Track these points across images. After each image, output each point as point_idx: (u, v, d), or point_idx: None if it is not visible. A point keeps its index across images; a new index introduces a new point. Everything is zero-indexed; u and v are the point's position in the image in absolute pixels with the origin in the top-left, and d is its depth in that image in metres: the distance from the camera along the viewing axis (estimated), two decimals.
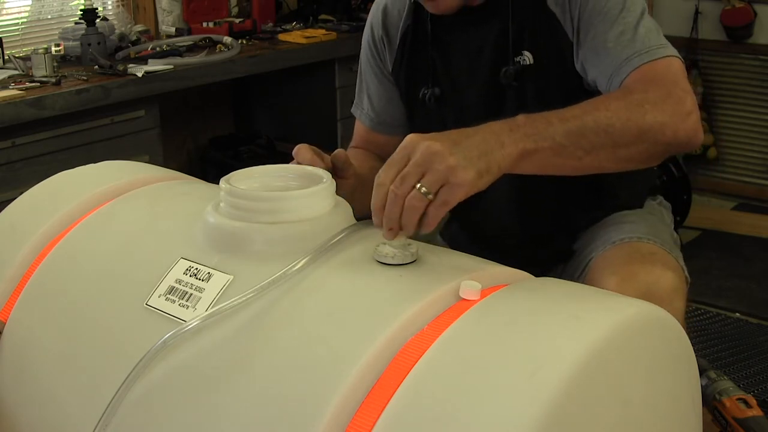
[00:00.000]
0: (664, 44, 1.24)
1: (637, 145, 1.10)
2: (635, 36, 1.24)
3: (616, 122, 1.08)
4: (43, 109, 2.40)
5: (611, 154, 1.09)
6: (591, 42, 1.27)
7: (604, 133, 1.07)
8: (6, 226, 1.18)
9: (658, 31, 1.27)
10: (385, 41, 1.47)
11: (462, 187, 0.95)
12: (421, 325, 0.86)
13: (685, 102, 1.14)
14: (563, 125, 1.05)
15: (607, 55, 1.25)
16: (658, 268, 1.24)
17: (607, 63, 1.25)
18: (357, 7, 3.59)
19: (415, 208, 0.94)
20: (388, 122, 1.51)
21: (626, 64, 1.22)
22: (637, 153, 1.12)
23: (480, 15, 1.37)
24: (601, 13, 1.26)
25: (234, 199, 1.01)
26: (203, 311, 0.93)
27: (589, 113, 1.08)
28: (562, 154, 1.05)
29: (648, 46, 1.23)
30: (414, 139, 0.97)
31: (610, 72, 1.24)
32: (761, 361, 2.46)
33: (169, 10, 3.25)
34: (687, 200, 3.39)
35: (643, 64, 1.21)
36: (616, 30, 1.25)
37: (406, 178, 0.95)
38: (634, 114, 1.10)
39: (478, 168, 0.96)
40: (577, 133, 1.06)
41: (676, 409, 0.95)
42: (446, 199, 0.95)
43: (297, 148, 1.15)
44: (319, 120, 3.33)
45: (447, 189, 0.95)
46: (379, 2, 1.49)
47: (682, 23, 3.69)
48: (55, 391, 1.02)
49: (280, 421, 0.84)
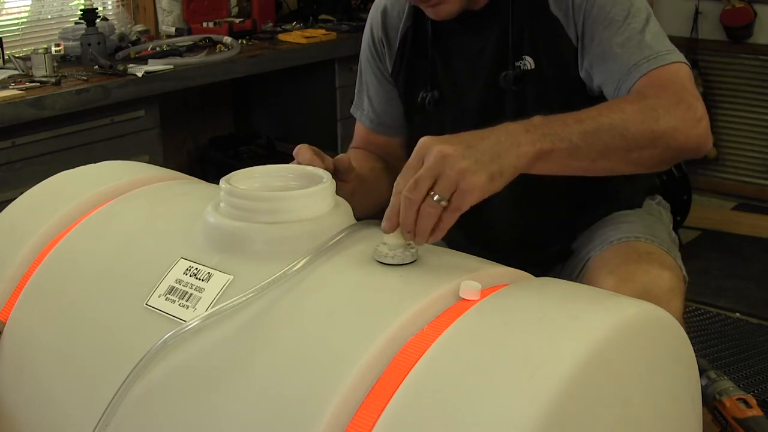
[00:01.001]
0: (671, 50, 1.24)
1: (650, 149, 1.11)
2: (642, 41, 1.24)
3: (630, 125, 1.09)
4: (43, 109, 2.40)
5: (624, 157, 1.10)
6: (597, 48, 1.27)
7: (619, 136, 1.08)
8: (6, 226, 1.18)
9: (664, 35, 1.27)
10: (384, 43, 1.47)
11: (473, 192, 0.95)
12: (421, 325, 0.86)
13: (696, 108, 1.15)
14: (579, 126, 1.06)
15: (614, 61, 1.25)
16: (655, 267, 1.24)
17: (615, 69, 1.25)
18: (357, 7, 3.59)
19: (430, 216, 0.95)
20: (389, 123, 1.50)
21: (635, 69, 1.22)
22: (649, 157, 1.12)
23: (481, 19, 1.36)
24: (606, 18, 1.26)
25: (234, 199, 1.01)
26: (203, 311, 0.93)
27: (604, 115, 1.08)
28: (576, 155, 1.06)
29: (656, 51, 1.23)
30: (427, 143, 0.97)
31: (618, 78, 1.24)
32: (761, 361, 2.46)
33: (169, 10, 3.25)
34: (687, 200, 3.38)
35: (651, 69, 1.21)
36: (623, 36, 1.25)
37: (420, 182, 0.95)
38: (648, 118, 1.10)
39: (490, 171, 0.96)
40: (593, 134, 1.06)
41: (676, 409, 0.95)
42: (458, 204, 0.95)
43: (297, 148, 1.15)
44: (319, 120, 3.33)
45: (458, 194, 0.95)
46: (378, 3, 1.49)
47: (682, 23, 3.69)
48: (55, 391, 1.02)
49: (280, 421, 0.84)
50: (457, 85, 1.41)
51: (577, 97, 1.27)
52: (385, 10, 1.47)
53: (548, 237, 1.47)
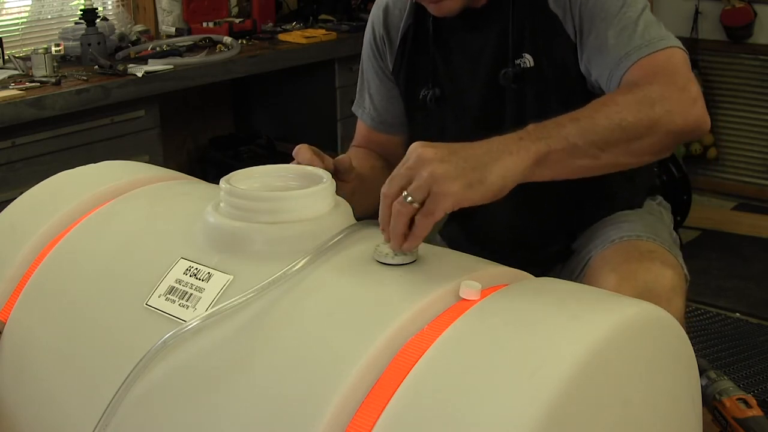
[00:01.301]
0: (664, 36, 1.24)
1: (650, 136, 1.10)
2: (635, 31, 1.24)
3: (627, 116, 1.08)
4: (43, 109, 2.40)
5: (626, 149, 1.09)
6: (594, 41, 1.27)
7: (617, 128, 1.07)
8: (6, 226, 1.18)
9: (659, 24, 1.26)
10: (385, 40, 1.47)
11: (446, 197, 0.93)
12: (421, 325, 0.86)
13: (690, 89, 1.14)
14: (575, 125, 1.05)
15: (608, 53, 1.25)
16: (656, 266, 1.24)
17: (608, 61, 1.25)
18: (357, 7, 3.59)
19: (400, 214, 0.94)
20: (390, 121, 1.51)
21: (625, 59, 1.22)
22: (650, 145, 1.12)
23: (482, 17, 1.36)
24: (602, 11, 1.26)
25: (234, 199, 1.01)
26: (203, 311, 0.93)
27: (599, 111, 1.08)
28: (576, 154, 1.05)
29: (647, 39, 1.23)
30: (414, 146, 0.97)
31: (610, 69, 1.24)
32: (761, 361, 2.46)
33: (169, 10, 3.25)
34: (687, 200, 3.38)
35: (642, 57, 1.21)
36: (617, 27, 1.25)
37: (393, 180, 0.95)
38: (643, 106, 1.10)
39: (468, 179, 0.95)
40: (591, 130, 1.06)
41: (676, 409, 0.95)
42: (431, 208, 0.94)
43: (297, 148, 1.15)
44: (319, 120, 3.33)
45: (431, 199, 0.94)
46: (380, 1, 1.49)
47: (682, 23, 3.69)
48: (55, 391, 1.02)
49: (280, 421, 0.84)
50: (457, 82, 1.41)
51: (576, 96, 1.27)
52: (387, 8, 1.47)
53: (548, 237, 1.47)
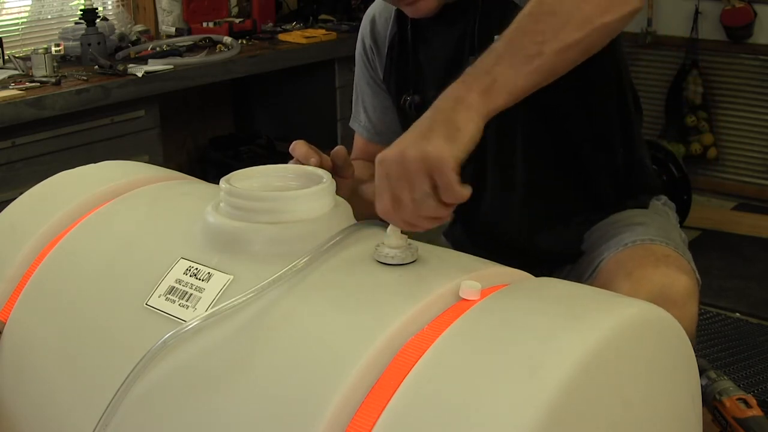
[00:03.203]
0: None
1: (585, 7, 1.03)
2: None
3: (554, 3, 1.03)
4: (43, 109, 2.41)
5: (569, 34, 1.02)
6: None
7: (547, 16, 1.02)
8: (6, 226, 1.18)
9: None
10: (374, 50, 1.49)
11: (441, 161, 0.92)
12: (421, 325, 0.86)
13: None
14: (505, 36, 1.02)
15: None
16: (672, 270, 1.23)
17: None
18: (357, 7, 3.59)
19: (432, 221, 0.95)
20: (385, 132, 1.51)
21: None
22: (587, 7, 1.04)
23: (451, 16, 1.35)
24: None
25: (234, 199, 1.01)
26: (203, 311, 0.93)
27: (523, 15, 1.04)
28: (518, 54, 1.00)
29: None
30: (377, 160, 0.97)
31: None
32: (761, 361, 2.46)
33: (169, 10, 3.25)
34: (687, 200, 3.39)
35: None
36: None
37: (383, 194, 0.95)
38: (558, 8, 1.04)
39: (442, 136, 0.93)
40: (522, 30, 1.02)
41: (676, 409, 0.95)
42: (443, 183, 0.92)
43: (293, 144, 1.15)
44: (319, 120, 3.33)
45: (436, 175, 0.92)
46: (368, 13, 1.51)
47: (682, 23, 3.69)
48: (55, 391, 1.02)
49: (280, 421, 0.84)
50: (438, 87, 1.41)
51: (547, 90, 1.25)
52: (374, 19, 1.49)
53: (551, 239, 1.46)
